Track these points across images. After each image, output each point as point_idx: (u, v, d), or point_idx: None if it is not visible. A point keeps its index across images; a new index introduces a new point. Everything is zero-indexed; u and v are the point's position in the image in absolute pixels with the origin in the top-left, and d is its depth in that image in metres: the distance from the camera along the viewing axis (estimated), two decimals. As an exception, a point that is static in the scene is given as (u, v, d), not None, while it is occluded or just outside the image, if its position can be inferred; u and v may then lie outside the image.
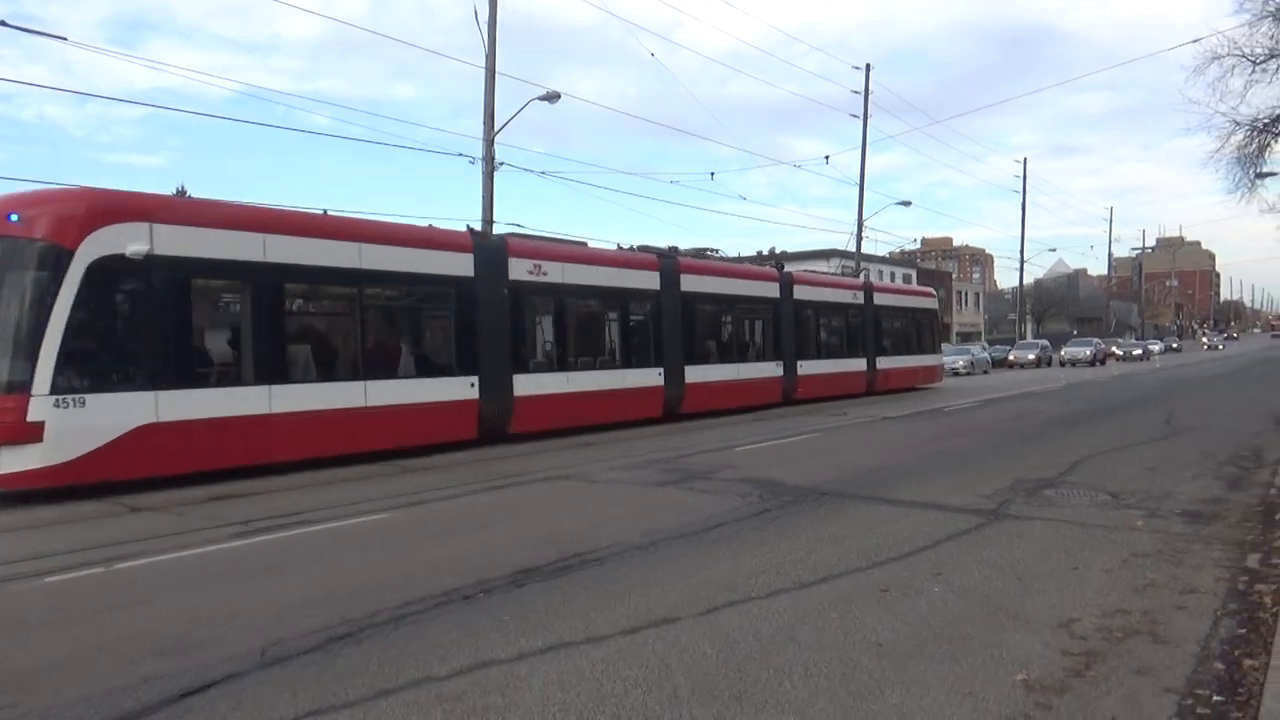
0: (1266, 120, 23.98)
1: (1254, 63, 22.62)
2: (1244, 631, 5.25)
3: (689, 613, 5.73)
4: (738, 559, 7.18)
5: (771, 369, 24.18)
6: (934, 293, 36.53)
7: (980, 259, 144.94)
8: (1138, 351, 67.12)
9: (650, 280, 20.31)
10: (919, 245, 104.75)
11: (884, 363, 29.36)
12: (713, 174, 62.42)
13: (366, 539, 8.47)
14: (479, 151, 23.15)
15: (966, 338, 72.61)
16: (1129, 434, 15.87)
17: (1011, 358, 55.15)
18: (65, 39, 25.15)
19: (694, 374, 21.13)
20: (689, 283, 21.35)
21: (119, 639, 5.49)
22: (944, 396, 27.84)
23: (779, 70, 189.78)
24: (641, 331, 20.31)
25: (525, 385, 16.84)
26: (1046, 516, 8.71)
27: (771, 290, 24.56)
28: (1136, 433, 16.09)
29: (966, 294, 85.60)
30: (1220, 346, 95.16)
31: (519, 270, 16.91)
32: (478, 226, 21.91)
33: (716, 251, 25.65)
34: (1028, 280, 75.81)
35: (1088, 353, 56.01)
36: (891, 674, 4.64)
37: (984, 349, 54.98)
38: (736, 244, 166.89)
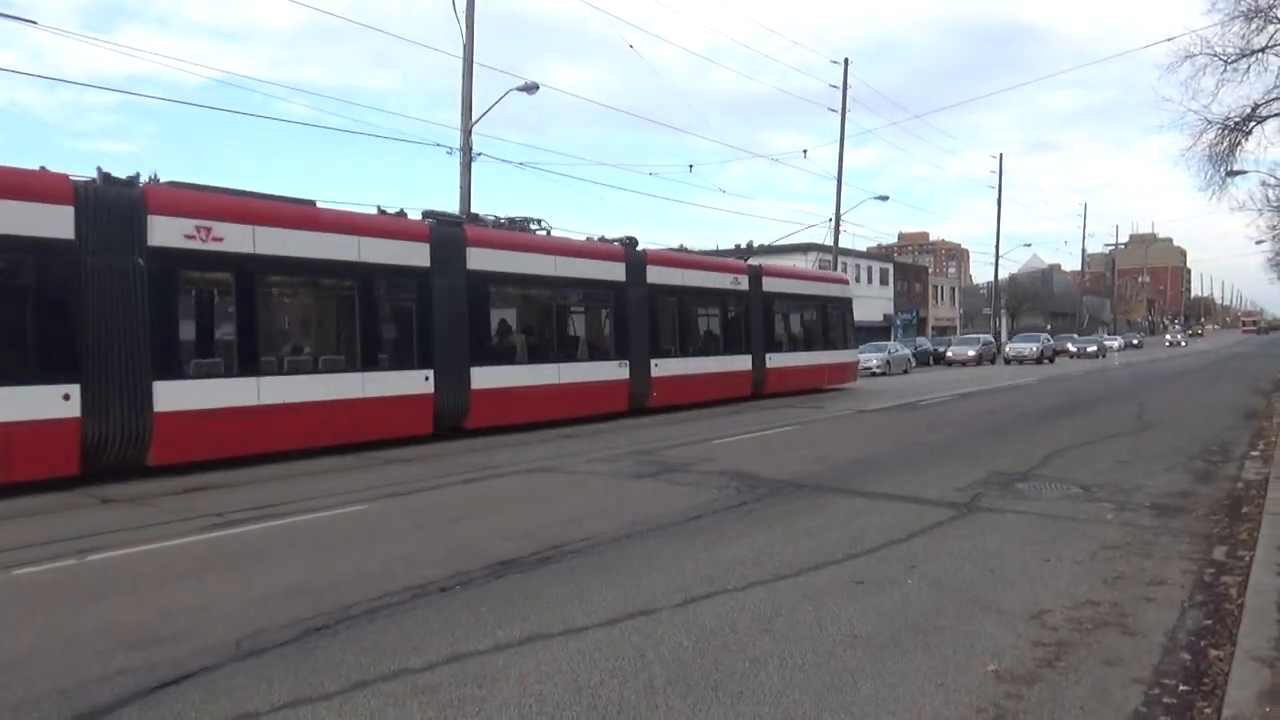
0: (1237, 119, 24.34)
1: (1226, 62, 22.94)
2: (1210, 623, 5.35)
3: (666, 604, 5.76)
4: (715, 551, 7.21)
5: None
6: (846, 280, 32.76)
7: (956, 254, 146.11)
8: (1092, 349, 61.57)
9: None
10: (895, 240, 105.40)
11: (777, 360, 25.40)
12: (691, 166, 62.37)
13: (343, 531, 8.44)
14: (457, 142, 23.02)
15: (942, 332, 73.12)
16: (1100, 428, 16.07)
17: (950, 355, 51.05)
18: (35, 22, 24.23)
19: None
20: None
21: (91, 631, 5.45)
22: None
23: (759, 64, 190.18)
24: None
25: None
26: (1019, 509, 8.82)
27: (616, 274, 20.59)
28: (1107, 427, 16.30)
29: (942, 288, 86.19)
30: (1183, 343, 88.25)
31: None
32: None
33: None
34: (1003, 275, 76.57)
35: (1033, 349, 51.10)
36: (866, 665, 4.70)
37: (902, 346, 48.07)
38: (715, 237, 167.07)
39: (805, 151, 56.02)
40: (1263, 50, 22.55)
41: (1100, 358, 57.69)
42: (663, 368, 21.02)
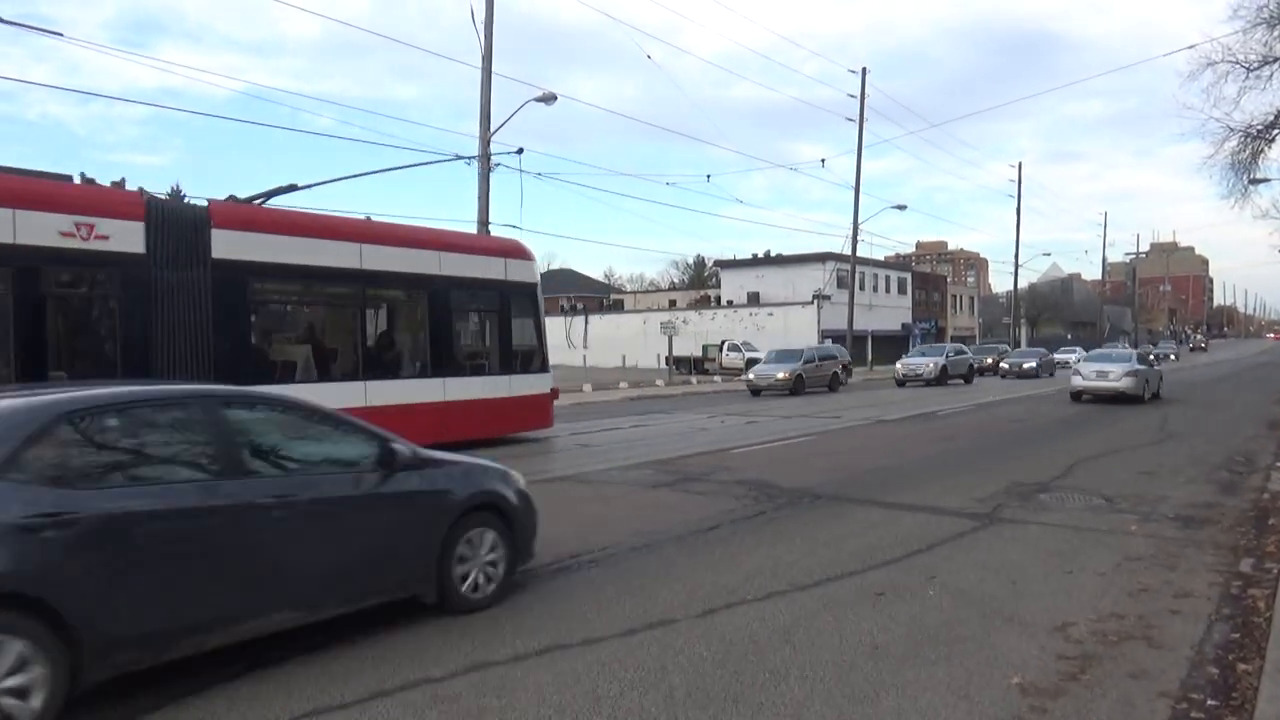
0: (1260, 127, 24.12)
1: (1248, 69, 22.76)
2: (1238, 636, 5.27)
3: (685, 615, 5.73)
4: (734, 561, 7.18)
5: None
6: (527, 252, 17.58)
7: (975, 263, 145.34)
8: (1030, 364, 41.39)
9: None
10: (913, 249, 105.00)
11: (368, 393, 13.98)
12: (709, 176, 62.50)
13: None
14: (476, 151, 23.14)
15: (962, 341, 72.99)
16: (1124, 438, 15.91)
17: (751, 377, 32.20)
18: (61, 35, 24.42)
19: None
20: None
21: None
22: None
23: (778, 74, 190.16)
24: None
25: None
26: (1041, 520, 8.73)
27: None
28: (1131, 437, 16.14)
29: (961, 298, 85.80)
30: (1174, 356, 68.62)
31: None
32: (473, 228, 21.88)
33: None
34: (1022, 284, 76.10)
35: (930, 366, 35.79)
36: (887, 676, 4.66)
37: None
38: (732, 246, 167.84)
39: (823, 161, 56.10)
40: (1285, 57, 22.35)
41: (1036, 378, 39.68)
42: None
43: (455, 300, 15.69)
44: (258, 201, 14.57)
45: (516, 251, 17.26)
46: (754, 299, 61.35)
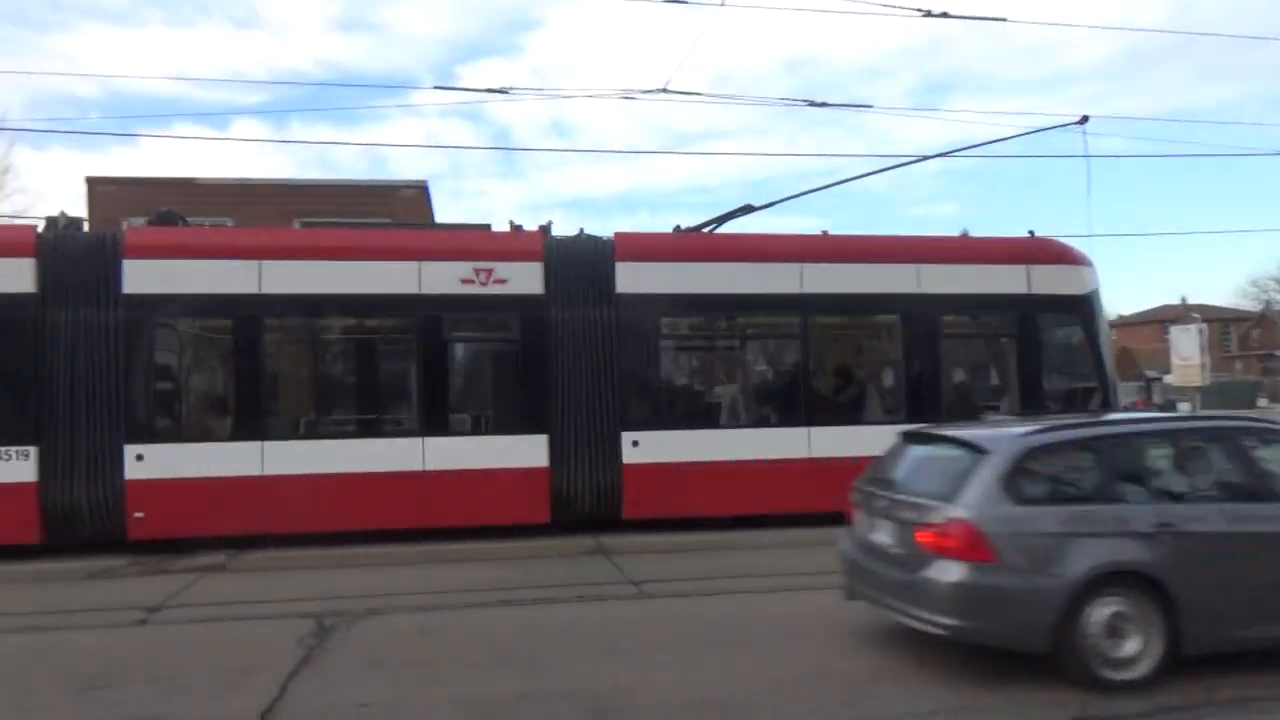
0: None
1: None
2: None
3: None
4: None
5: None
6: (1068, 255, 13.39)
7: None
8: None
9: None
10: None
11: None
12: None
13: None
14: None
15: None
16: None
17: None
18: (870, 107, 26.38)
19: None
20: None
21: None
22: None
23: None
24: None
25: None
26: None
27: None
28: None
29: None
30: None
31: None
32: None
33: None
34: None
35: None
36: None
37: None
38: None
39: None
40: None
41: None
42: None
43: (943, 324, 12.68)
44: (708, 228, 13.29)
45: (1047, 255, 13.12)
46: None
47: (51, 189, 70.44)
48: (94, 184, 24.34)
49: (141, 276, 10.60)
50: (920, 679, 5.77)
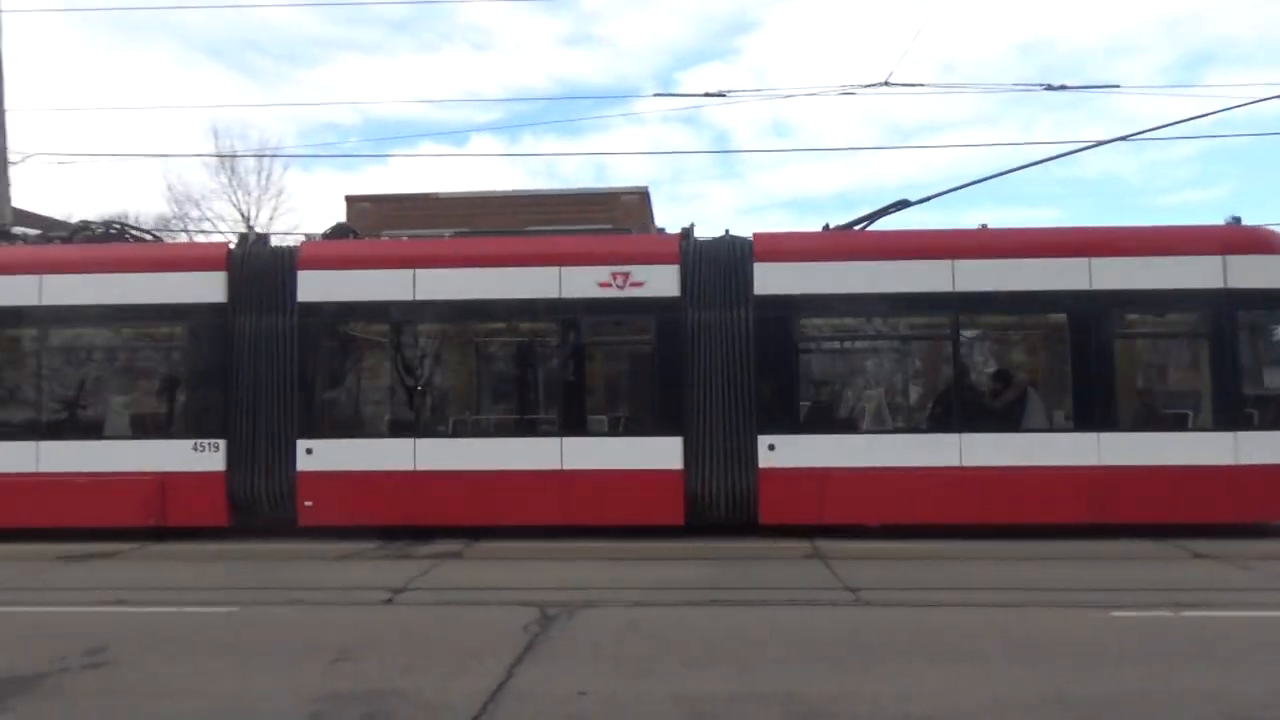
0: None
1: None
2: None
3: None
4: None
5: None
6: (1276, 243, 11.73)
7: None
8: None
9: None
10: None
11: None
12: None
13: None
14: None
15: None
16: None
17: None
18: (1118, 86, 25.83)
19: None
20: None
21: (1189, 691, 5.46)
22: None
23: None
24: None
25: None
26: None
27: None
28: None
29: None
30: None
31: None
32: None
33: None
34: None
35: None
36: None
37: None
38: None
39: None
40: None
41: None
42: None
43: (1119, 323, 11.63)
44: (859, 226, 12.45)
45: (1249, 244, 11.53)
46: None
47: (317, 207, 78.17)
48: (352, 201, 27.01)
49: (313, 286, 11.72)
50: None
